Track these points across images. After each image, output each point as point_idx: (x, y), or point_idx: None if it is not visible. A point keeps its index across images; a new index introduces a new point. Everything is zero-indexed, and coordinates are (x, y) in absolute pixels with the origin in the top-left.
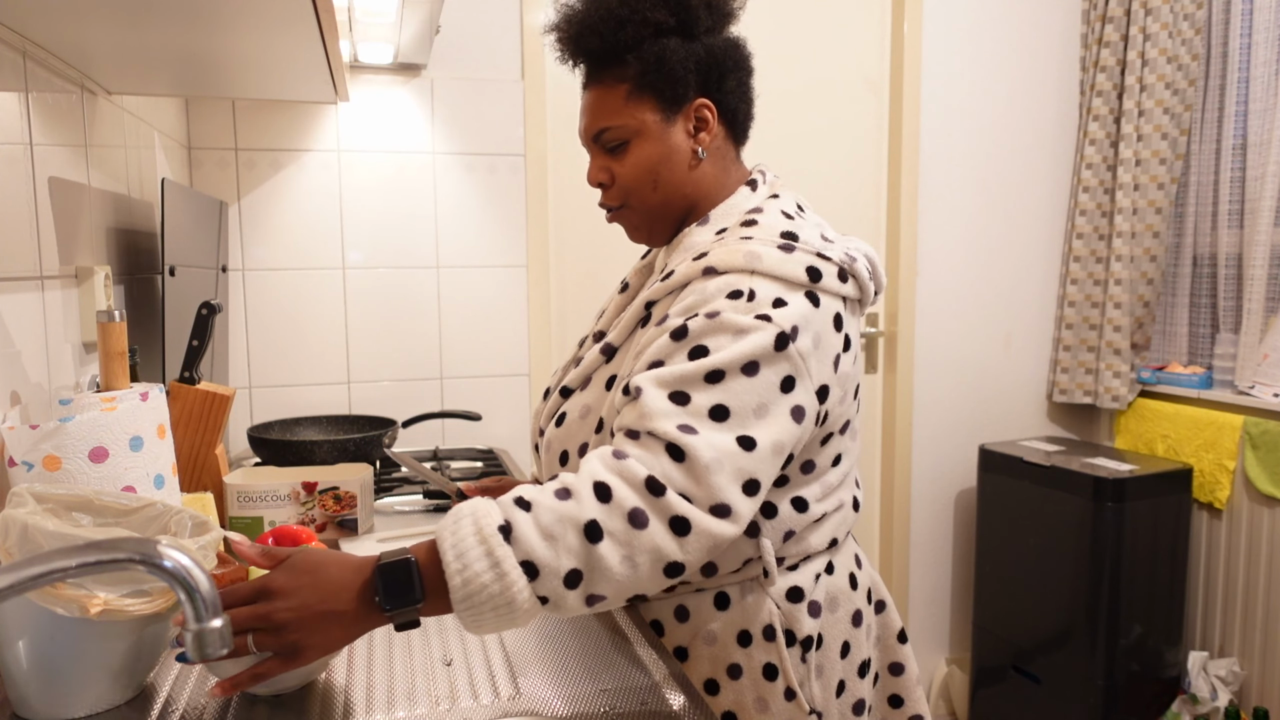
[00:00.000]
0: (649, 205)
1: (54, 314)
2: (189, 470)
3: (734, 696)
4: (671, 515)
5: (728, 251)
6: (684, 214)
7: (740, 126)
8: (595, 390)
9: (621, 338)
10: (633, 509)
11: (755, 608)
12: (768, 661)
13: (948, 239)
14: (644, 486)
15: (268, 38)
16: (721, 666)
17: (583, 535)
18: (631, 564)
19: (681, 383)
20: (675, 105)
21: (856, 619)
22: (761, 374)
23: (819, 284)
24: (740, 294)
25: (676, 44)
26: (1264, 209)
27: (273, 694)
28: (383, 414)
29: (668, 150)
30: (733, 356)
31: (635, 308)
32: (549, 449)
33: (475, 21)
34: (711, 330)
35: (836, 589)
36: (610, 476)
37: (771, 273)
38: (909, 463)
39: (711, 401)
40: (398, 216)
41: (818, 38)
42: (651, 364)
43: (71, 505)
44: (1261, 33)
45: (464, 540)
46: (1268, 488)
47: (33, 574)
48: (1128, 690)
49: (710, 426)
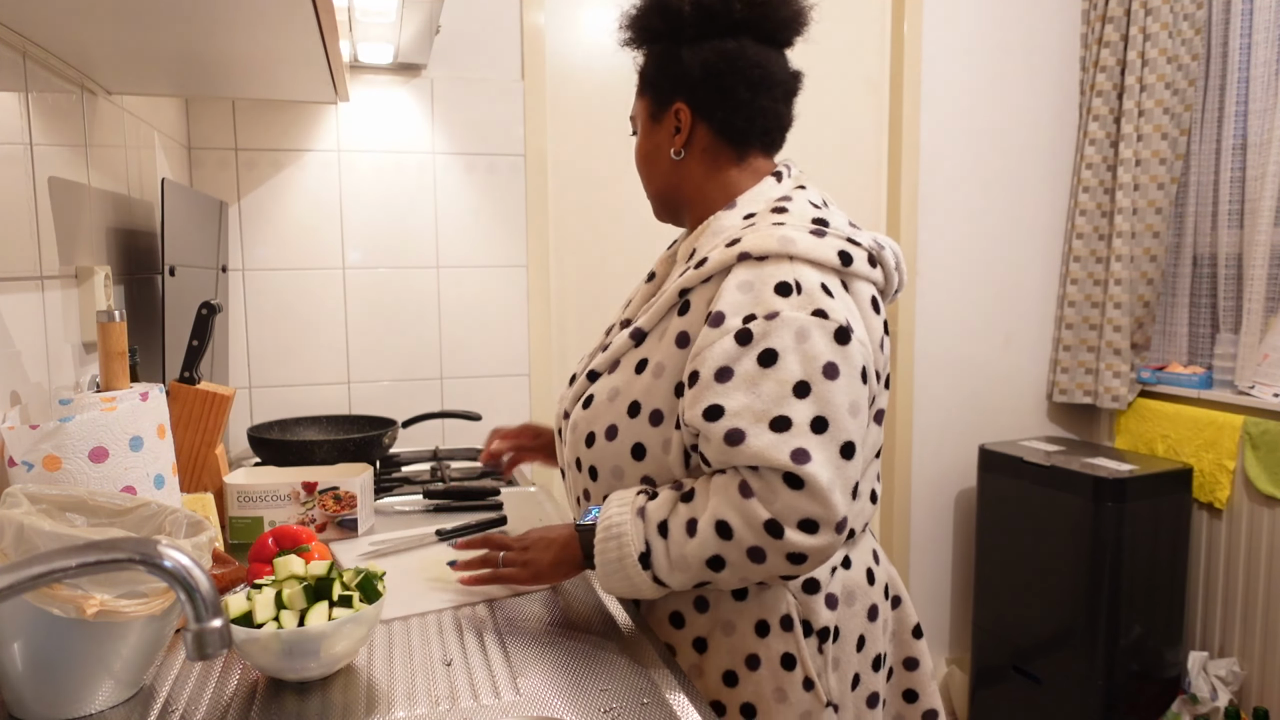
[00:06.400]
0: (647, 188)
1: (54, 314)
2: (189, 470)
3: (753, 688)
4: (789, 552)
5: (761, 236)
6: (675, 204)
7: (735, 130)
8: (624, 374)
9: (652, 323)
10: (751, 547)
11: (773, 599)
12: (786, 651)
13: (948, 239)
14: (763, 529)
15: (268, 38)
16: (740, 657)
17: (705, 566)
18: (747, 580)
19: (776, 405)
20: (661, 106)
21: (872, 613)
22: (842, 374)
23: (851, 268)
24: (789, 288)
25: (665, 49)
26: (1264, 209)
27: (300, 680)
28: (383, 414)
29: (653, 145)
30: (810, 364)
31: (669, 295)
32: (575, 430)
33: (475, 21)
34: (774, 331)
35: (854, 583)
36: (732, 515)
37: (806, 256)
38: (909, 463)
39: (810, 415)
40: (398, 216)
41: (818, 38)
42: (720, 369)
43: (66, 505)
44: (1261, 33)
45: (609, 561)
46: (1268, 488)
47: (32, 574)
48: (1128, 690)
49: (816, 443)
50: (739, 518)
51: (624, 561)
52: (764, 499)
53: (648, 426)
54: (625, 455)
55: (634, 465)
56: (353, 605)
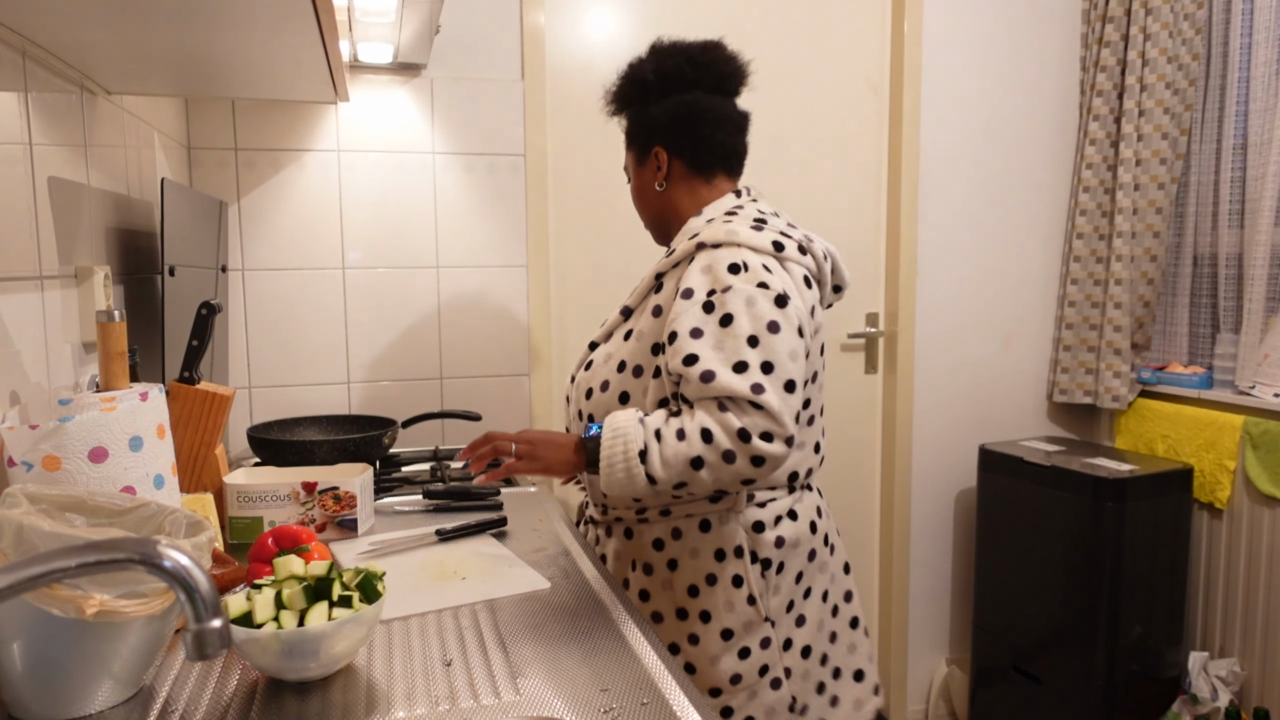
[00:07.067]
0: (643, 220)
1: (54, 314)
2: (189, 470)
3: (709, 599)
4: (752, 455)
5: (712, 230)
6: (667, 226)
7: (702, 161)
8: (615, 341)
9: (636, 301)
10: (726, 450)
11: (730, 532)
12: (736, 574)
13: (948, 239)
14: (736, 435)
15: (268, 38)
16: (702, 575)
17: (689, 465)
18: (718, 482)
19: (734, 354)
20: (644, 152)
21: (811, 556)
22: (783, 329)
23: (783, 253)
24: (739, 267)
25: (639, 110)
26: (1264, 209)
27: (300, 681)
28: (383, 414)
29: (643, 184)
30: (758, 322)
31: (647, 279)
32: (578, 388)
33: (475, 21)
34: (729, 299)
35: (799, 532)
36: (713, 425)
37: (748, 244)
38: (909, 463)
39: (760, 359)
40: (398, 216)
41: (818, 38)
42: (693, 329)
43: (65, 505)
44: (1262, 33)
45: (614, 457)
46: (1268, 488)
47: (32, 574)
48: (1128, 690)
49: (766, 380)
50: (719, 426)
51: (628, 455)
52: (736, 414)
53: (631, 379)
54: (614, 401)
55: (621, 409)
56: (353, 605)
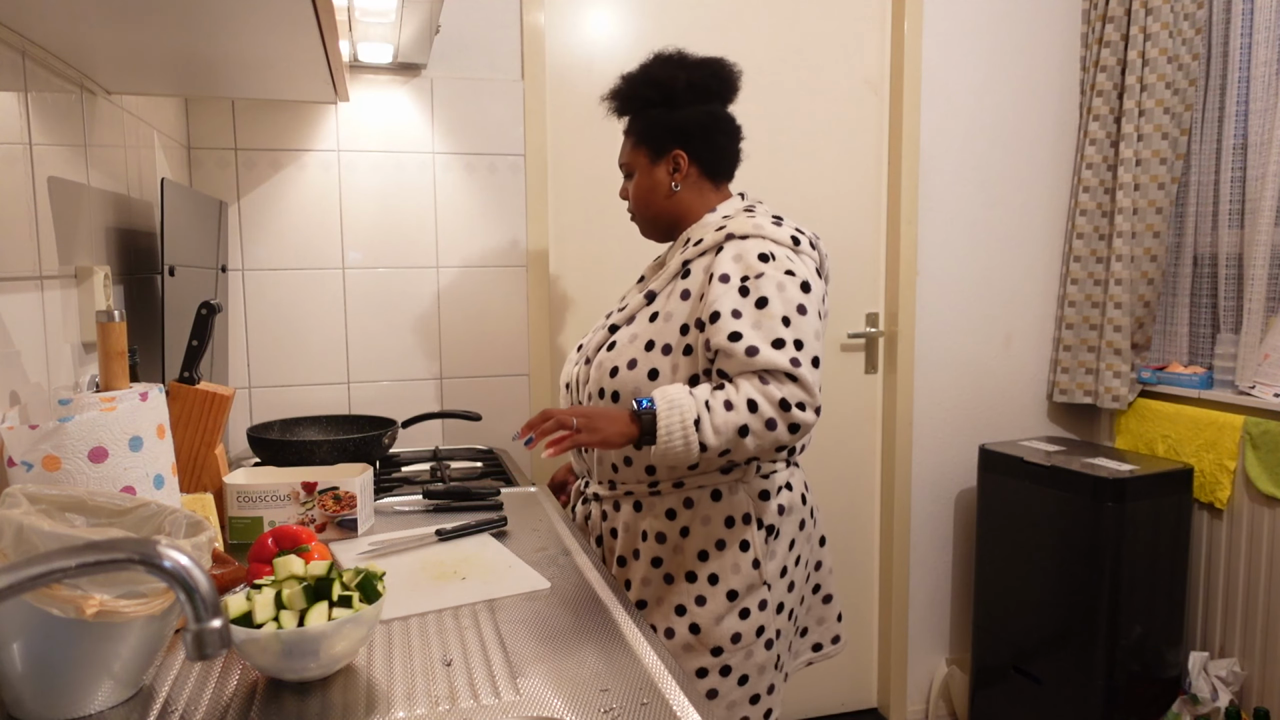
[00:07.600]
0: (645, 216)
1: (53, 314)
2: (189, 470)
3: (717, 562)
4: (791, 423)
5: (741, 223)
6: (670, 225)
7: (716, 168)
8: (640, 323)
9: (661, 286)
10: (769, 418)
11: (739, 501)
12: (743, 539)
13: (948, 239)
14: (778, 405)
15: (268, 38)
16: (711, 541)
17: (736, 433)
18: (759, 449)
19: (771, 332)
20: (659, 153)
21: (801, 525)
22: (809, 312)
23: (799, 247)
24: (767, 256)
25: (661, 113)
26: (1264, 209)
27: (300, 681)
28: (383, 414)
29: (653, 183)
30: (789, 305)
31: (674, 266)
32: (599, 367)
33: (475, 21)
34: (763, 285)
35: (793, 501)
36: (758, 395)
37: (772, 236)
38: (909, 463)
39: (794, 337)
40: (397, 216)
41: (818, 38)
42: (733, 310)
43: (65, 506)
44: (1262, 32)
45: (673, 426)
46: (1268, 488)
47: (32, 574)
48: (1128, 690)
49: (801, 355)
50: (763, 397)
51: (685, 424)
52: (776, 386)
53: (660, 356)
54: (643, 378)
55: (649, 385)
56: (352, 605)
